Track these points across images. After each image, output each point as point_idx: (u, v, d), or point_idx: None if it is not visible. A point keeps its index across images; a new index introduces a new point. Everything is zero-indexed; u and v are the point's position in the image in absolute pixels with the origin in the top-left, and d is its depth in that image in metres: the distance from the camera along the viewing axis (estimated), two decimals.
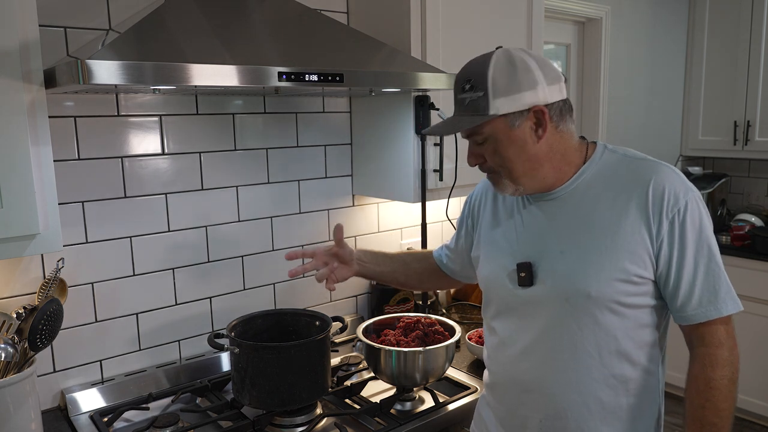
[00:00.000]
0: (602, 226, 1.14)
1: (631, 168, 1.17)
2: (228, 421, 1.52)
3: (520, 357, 1.23)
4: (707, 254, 1.12)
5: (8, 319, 1.43)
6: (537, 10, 2.09)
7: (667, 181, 1.13)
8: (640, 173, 1.15)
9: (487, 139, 1.15)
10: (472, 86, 1.13)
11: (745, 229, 3.34)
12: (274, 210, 1.94)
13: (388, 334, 1.68)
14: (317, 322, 1.66)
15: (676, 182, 1.13)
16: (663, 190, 1.12)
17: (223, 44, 1.34)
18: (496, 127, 1.13)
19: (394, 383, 1.61)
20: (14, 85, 1.17)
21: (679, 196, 1.12)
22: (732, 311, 1.12)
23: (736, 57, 3.47)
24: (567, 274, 1.15)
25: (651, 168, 1.16)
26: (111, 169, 1.62)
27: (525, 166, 1.16)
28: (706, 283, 1.12)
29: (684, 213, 1.11)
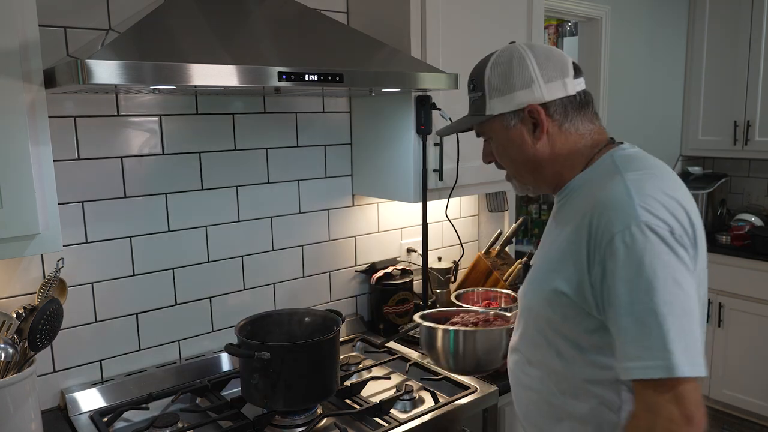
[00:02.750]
0: (554, 242, 1.11)
1: (603, 183, 1.04)
2: (228, 421, 1.52)
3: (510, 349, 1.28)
4: (643, 298, 0.91)
5: (8, 319, 1.43)
6: (537, 10, 2.08)
7: (610, 205, 0.98)
8: (600, 191, 1.02)
9: (491, 138, 1.16)
10: (474, 86, 1.14)
11: (745, 229, 3.34)
12: (274, 210, 1.94)
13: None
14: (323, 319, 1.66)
15: (619, 204, 0.96)
16: (600, 213, 0.98)
17: (223, 44, 1.34)
18: (493, 128, 1.13)
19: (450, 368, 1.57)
20: (14, 85, 1.17)
21: (614, 221, 0.95)
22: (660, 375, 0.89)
23: (736, 57, 3.47)
24: (528, 282, 1.17)
25: (610, 186, 1.01)
26: (111, 169, 1.62)
27: (526, 166, 1.14)
28: (643, 335, 0.91)
29: (617, 243, 0.94)
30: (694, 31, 3.67)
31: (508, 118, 1.11)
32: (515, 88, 1.09)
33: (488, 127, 1.14)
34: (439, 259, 2.34)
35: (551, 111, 1.09)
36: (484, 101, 1.12)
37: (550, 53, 1.11)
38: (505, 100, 1.10)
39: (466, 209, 2.45)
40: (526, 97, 1.09)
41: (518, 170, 1.16)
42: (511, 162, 1.16)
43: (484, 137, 1.18)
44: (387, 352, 1.91)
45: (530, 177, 1.16)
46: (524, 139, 1.11)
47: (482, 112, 1.12)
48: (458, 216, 2.42)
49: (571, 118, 1.11)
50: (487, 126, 1.14)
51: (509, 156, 1.15)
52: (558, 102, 1.09)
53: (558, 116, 1.10)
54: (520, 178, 1.17)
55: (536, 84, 1.08)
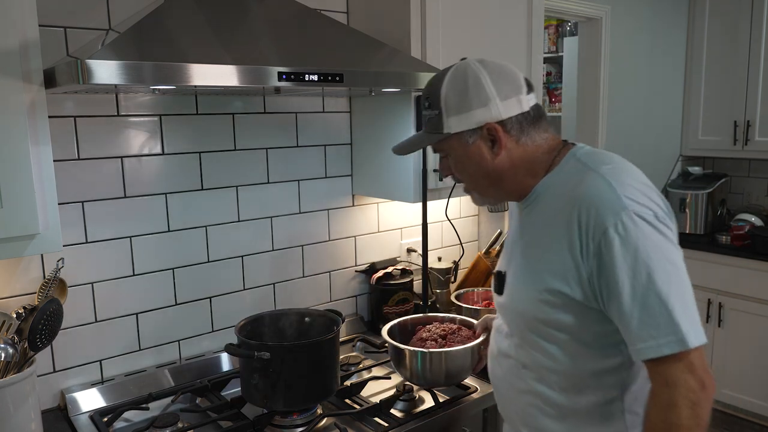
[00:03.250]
0: (536, 245, 1.12)
1: (576, 181, 1.07)
2: (228, 421, 1.52)
3: (495, 356, 1.29)
4: (645, 282, 0.97)
5: (8, 319, 1.43)
6: (537, 10, 2.08)
7: (596, 199, 1.02)
8: (578, 188, 1.05)
9: (448, 154, 1.17)
10: (430, 104, 1.14)
11: (745, 229, 3.34)
12: (274, 210, 1.94)
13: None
14: (323, 319, 1.66)
15: (608, 200, 1.01)
16: (588, 209, 1.01)
17: (223, 44, 1.34)
18: (452, 145, 1.15)
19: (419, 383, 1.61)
20: (14, 85, 1.17)
21: (607, 216, 0.99)
22: (674, 350, 0.95)
23: (736, 57, 3.47)
24: (512, 289, 1.18)
25: (588, 182, 1.05)
26: (111, 169, 1.62)
27: (487, 181, 1.16)
28: (647, 316, 0.97)
29: (610, 238, 0.98)
30: (694, 31, 3.67)
31: (466, 135, 1.12)
32: (472, 107, 1.10)
33: (446, 145, 1.15)
34: (439, 259, 2.34)
35: (508, 127, 1.11)
36: (440, 119, 1.12)
37: (502, 70, 1.12)
38: (462, 119, 1.11)
39: (466, 209, 2.45)
40: (483, 116, 1.10)
41: (478, 184, 1.18)
42: (471, 177, 1.18)
43: (442, 154, 1.19)
44: (387, 352, 1.90)
45: (491, 190, 1.18)
46: (483, 155, 1.13)
47: (440, 130, 1.13)
48: (458, 216, 2.42)
49: (527, 132, 1.13)
50: (445, 143, 1.15)
51: (468, 171, 1.17)
52: (514, 119, 1.11)
53: (515, 132, 1.12)
54: (481, 191, 1.20)
55: (493, 102, 1.10)
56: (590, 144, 1.21)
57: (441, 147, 1.17)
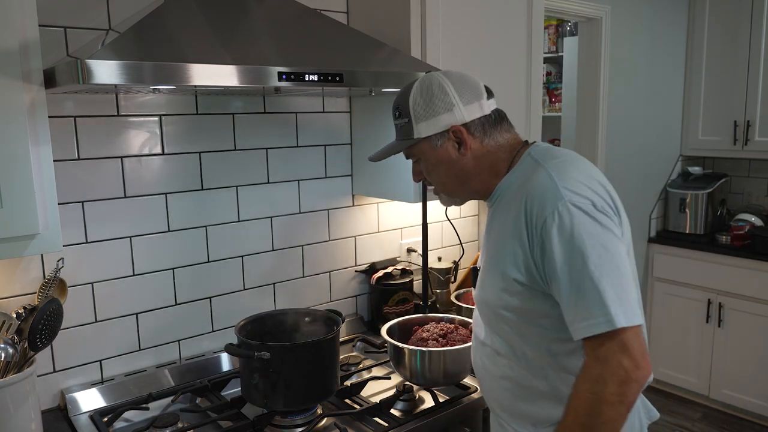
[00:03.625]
0: (496, 237, 1.22)
1: (527, 176, 1.18)
2: (228, 421, 1.52)
3: (474, 348, 1.37)
4: (579, 267, 1.04)
5: (8, 319, 1.43)
6: (537, 10, 2.09)
7: (538, 191, 1.12)
8: (527, 183, 1.16)
9: (419, 159, 1.27)
10: (400, 113, 1.24)
11: (745, 229, 3.34)
12: (274, 210, 1.94)
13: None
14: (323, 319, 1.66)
15: (548, 191, 1.10)
16: (532, 201, 1.11)
17: (223, 44, 1.34)
18: (422, 149, 1.24)
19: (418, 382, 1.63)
20: (14, 85, 1.17)
21: (545, 205, 1.09)
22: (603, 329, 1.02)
23: (736, 57, 3.47)
24: (480, 282, 1.27)
25: (534, 177, 1.15)
26: (111, 169, 1.62)
27: (455, 181, 1.26)
28: (582, 300, 1.04)
29: (548, 227, 1.07)
30: (694, 31, 3.67)
31: (434, 139, 1.22)
32: (438, 112, 1.20)
33: (417, 149, 1.25)
34: (439, 259, 2.34)
35: (472, 129, 1.21)
36: (411, 126, 1.22)
37: (464, 79, 1.22)
38: (430, 124, 1.21)
39: (466, 209, 2.45)
40: (448, 120, 1.20)
41: (447, 184, 1.28)
42: (440, 178, 1.27)
43: (413, 159, 1.29)
44: (387, 352, 1.90)
45: (460, 189, 1.28)
46: (450, 156, 1.23)
47: (410, 136, 1.23)
48: (458, 216, 2.42)
49: (490, 133, 1.23)
50: (416, 148, 1.25)
51: (438, 173, 1.26)
52: (477, 121, 1.22)
53: (478, 134, 1.22)
54: (450, 192, 1.29)
55: (456, 107, 1.20)
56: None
57: (412, 152, 1.27)
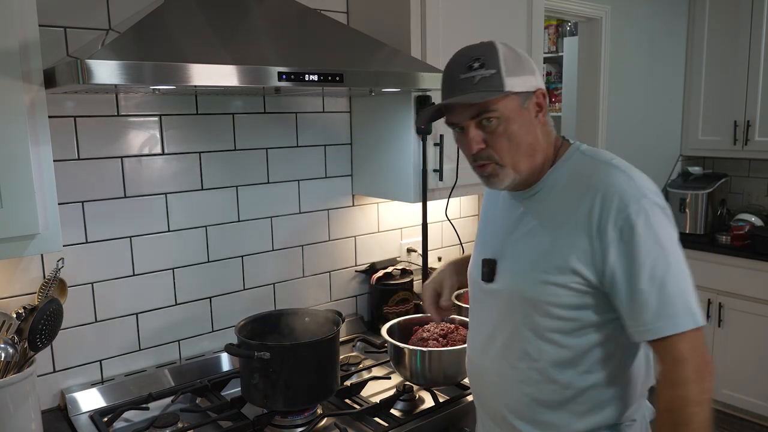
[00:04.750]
0: (549, 229, 1.14)
1: (590, 172, 1.13)
2: (228, 421, 1.52)
3: (480, 350, 1.28)
4: (663, 265, 1.04)
5: (8, 319, 1.43)
6: (537, 10, 2.09)
7: (617, 187, 1.08)
8: (595, 178, 1.11)
9: (498, 118, 1.10)
10: (482, 64, 1.09)
11: (745, 229, 3.34)
12: (274, 210, 1.94)
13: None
14: (323, 319, 1.66)
15: (628, 188, 1.07)
16: (612, 198, 1.07)
17: (223, 44, 1.34)
18: (509, 105, 1.10)
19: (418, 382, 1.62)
20: (14, 85, 1.17)
21: (629, 203, 1.05)
22: (688, 327, 1.04)
23: (736, 57, 3.47)
24: (514, 274, 1.18)
25: (606, 173, 1.11)
26: (111, 169, 1.62)
27: (528, 149, 1.14)
28: (664, 296, 1.04)
29: (633, 222, 1.04)
30: (694, 31, 3.67)
31: (523, 97, 1.12)
32: (526, 72, 1.12)
33: (501, 105, 1.09)
34: (439, 259, 2.34)
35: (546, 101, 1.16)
36: (500, 78, 1.09)
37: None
38: (521, 80, 1.11)
39: (466, 209, 2.45)
40: (534, 82, 1.13)
41: (517, 155, 1.13)
42: (515, 145, 1.12)
43: (491, 116, 1.10)
44: (387, 352, 1.91)
45: (526, 163, 1.15)
46: (531, 121, 1.14)
47: (500, 88, 1.09)
48: (458, 216, 2.42)
49: (545, 112, 1.18)
50: (500, 104, 1.09)
51: (516, 138, 1.12)
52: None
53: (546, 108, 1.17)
54: (516, 165, 1.14)
55: (537, 73, 1.15)
56: (590, 144, 1.24)
57: (493, 107, 1.09)
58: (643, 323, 1.06)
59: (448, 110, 1.16)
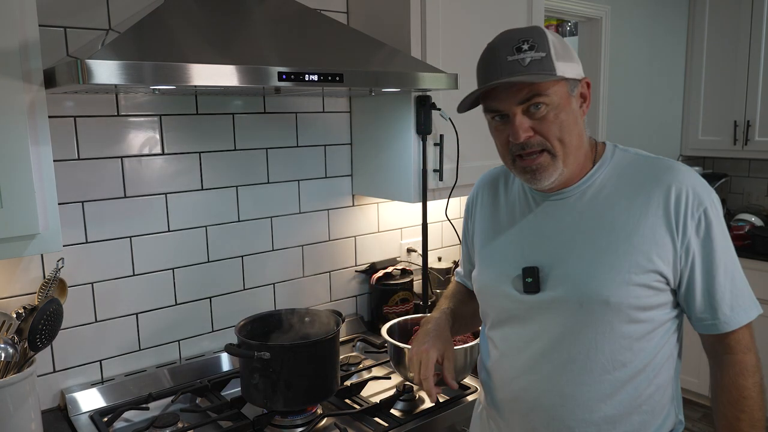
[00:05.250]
0: (619, 228, 1.07)
1: (646, 168, 1.12)
2: (228, 421, 1.52)
3: (526, 370, 1.14)
4: (733, 257, 1.10)
5: (8, 319, 1.43)
6: (537, 11, 2.09)
7: (689, 182, 1.08)
8: (658, 173, 1.10)
9: (548, 104, 1.04)
10: (532, 46, 1.02)
11: (745, 229, 3.34)
12: (274, 210, 1.94)
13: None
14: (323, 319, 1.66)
15: (699, 184, 1.09)
16: (687, 192, 1.06)
17: (223, 44, 1.34)
18: (560, 91, 1.05)
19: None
20: (14, 85, 1.17)
21: (703, 198, 1.07)
22: (756, 314, 1.10)
23: (736, 57, 3.47)
24: (582, 279, 1.07)
25: (670, 168, 1.10)
26: (111, 169, 1.62)
27: (577, 140, 1.08)
28: (736, 288, 1.09)
29: (710, 216, 1.07)
30: (694, 31, 3.67)
31: (572, 84, 1.07)
32: (573, 59, 1.08)
33: (552, 90, 1.03)
34: (439, 259, 2.34)
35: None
36: (551, 62, 1.02)
37: None
38: (570, 66, 1.06)
39: None
40: (580, 70, 1.10)
41: (568, 144, 1.06)
42: (565, 133, 1.06)
43: (542, 101, 1.03)
44: (387, 352, 1.90)
45: (573, 156, 1.08)
46: (577, 110, 1.09)
47: (552, 71, 1.02)
48: (458, 216, 2.42)
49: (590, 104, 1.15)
50: (550, 88, 1.03)
51: (567, 126, 1.05)
52: None
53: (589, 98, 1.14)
54: (565, 156, 1.07)
55: (580, 62, 1.11)
56: None
57: (545, 91, 1.03)
58: (721, 316, 1.09)
59: (490, 95, 1.07)
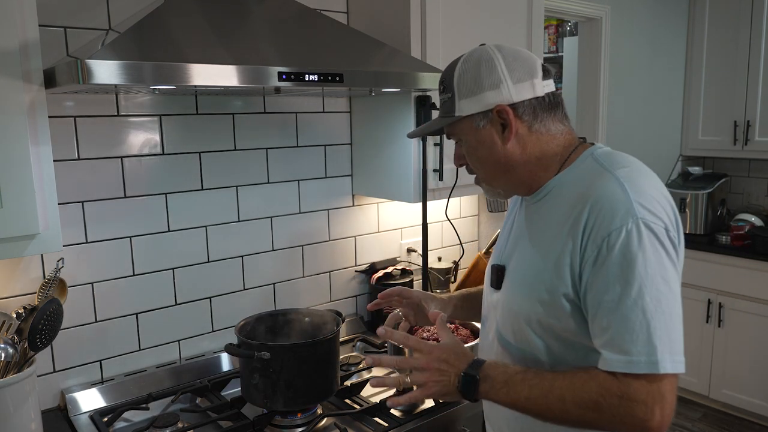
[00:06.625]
0: (542, 241, 1.08)
1: (590, 180, 1.04)
2: (228, 421, 1.52)
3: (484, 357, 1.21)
4: (634, 296, 0.94)
5: (8, 319, 1.43)
6: (537, 10, 2.09)
7: (606, 199, 0.98)
8: (590, 187, 1.02)
9: (460, 139, 1.15)
10: (444, 88, 1.13)
11: (745, 229, 3.34)
12: (274, 210, 1.94)
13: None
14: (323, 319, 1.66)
15: (617, 203, 0.97)
16: (598, 211, 0.98)
17: (223, 44, 1.34)
18: (463, 129, 1.12)
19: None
20: (14, 85, 1.17)
21: (614, 217, 0.96)
22: (641, 371, 0.92)
23: (736, 57, 3.47)
24: (512, 286, 1.14)
25: (601, 181, 1.02)
26: (111, 169, 1.62)
27: (496, 168, 1.12)
28: (622, 330, 0.94)
29: (614, 238, 0.95)
30: (694, 31, 3.67)
31: (477, 118, 1.09)
32: (483, 89, 1.07)
33: (458, 129, 1.13)
34: (439, 259, 2.34)
35: (520, 112, 1.08)
36: (453, 102, 1.11)
37: (518, 54, 1.09)
38: (473, 101, 1.08)
39: (466, 209, 2.45)
40: (494, 98, 1.07)
41: (489, 173, 1.14)
42: (482, 164, 1.14)
43: (455, 139, 1.16)
44: (387, 352, 1.90)
45: (502, 179, 1.14)
46: (494, 140, 1.09)
47: (451, 113, 1.11)
48: (458, 216, 2.42)
49: (541, 119, 1.09)
50: (457, 127, 1.13)
51: (479, 158, 1.13)
52: (527, 103, 1.08)
53: (527, 117, 1.08)
54: (491, 181, 1.16)
55: (504, 84, 1.06)
56: None
57: (453, 131, 1.14)
58: (598, 347, 0.99)
59: None
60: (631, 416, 0.94)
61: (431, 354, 1.08)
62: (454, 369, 1.06)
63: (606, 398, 0.95)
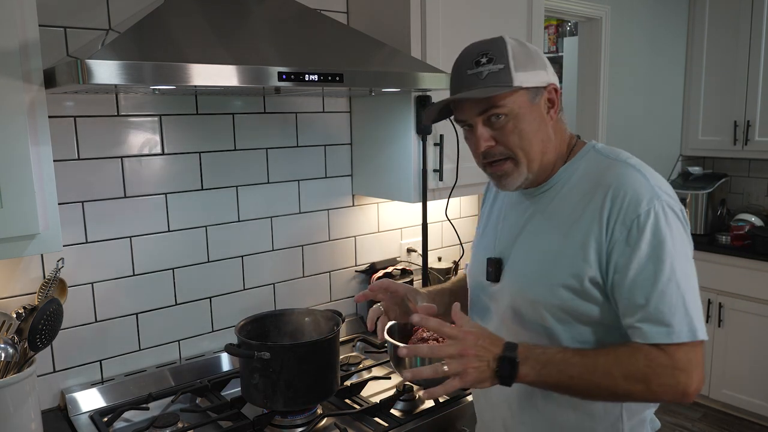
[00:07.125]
0: (557, 230, 1.11)
1: (602, 170, 1.10)
2: (228, 421, 1.52)
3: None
4: (668, 272, 1.00)
5: (8, 319, 1.43)
6: (537, 10, 2.09)
7: (629, 185, 1.04)
8: (606, 175, 1.08)
9: (507, 114, 1.08)
10: (490, 59, 1.07)
11: (745, 229, 3.34)
12: (274, 210, 1.94)
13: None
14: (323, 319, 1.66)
15: (641, 187, 1.04)
16: (623, 195, 1.04)
17: (223, 44, 1.34)
18: (518, 101, 1.08)
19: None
20: (14, 85, 1.17)
21: (641, 202, 1.02)
22: (684, 339, 1.00)
23: (736, 57, 3.47)
24: (520, 276, 1.15)
25: (618, 170, 1.08)
26: (111, 169, 1.62)
27: (540, 146, 1.11)
28: (660, 305, 1.00)
29: (644, 222, 1.01)
30: (694, 31, 3.67)
31: (533, 92, 1.09)
32: (537, 66, 1.10)
33: (511, 101, 1.07)
34: (439, 259, 2.34)
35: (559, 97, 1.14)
36: (508, 73, 1.06)
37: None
38: (531, 75, 1.08)
39: (466, 209, 2.45)
40: (546, 77, 1.11)
41: (529, 151, 1.10)
42: (527, 141, 1.09)
43: (499, 111, 1.07)
44: (387, 352, 1.90)
45: (538, 161, 1.12)
46: (543, 116, 1.11)
47: (508, 83, 1.06)
48: (458, 216, 2.42)
49: (561, 108, 1.16)
50: (509, 99, 1.07)
51: (527, 134, 1.09)
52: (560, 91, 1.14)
53: (560, 104, 1.15)
54: (531, 162, 1.11)
55: (549, 68, 1.12)
56: None
57: (502, 102, 1.07)
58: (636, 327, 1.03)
59: (457, 107, 1.13)
60: (675, 384, 1.00)
61: (466, 340, 1.04)
62: (490, 354, 1.04)
63: (654, 368, 1.00)
